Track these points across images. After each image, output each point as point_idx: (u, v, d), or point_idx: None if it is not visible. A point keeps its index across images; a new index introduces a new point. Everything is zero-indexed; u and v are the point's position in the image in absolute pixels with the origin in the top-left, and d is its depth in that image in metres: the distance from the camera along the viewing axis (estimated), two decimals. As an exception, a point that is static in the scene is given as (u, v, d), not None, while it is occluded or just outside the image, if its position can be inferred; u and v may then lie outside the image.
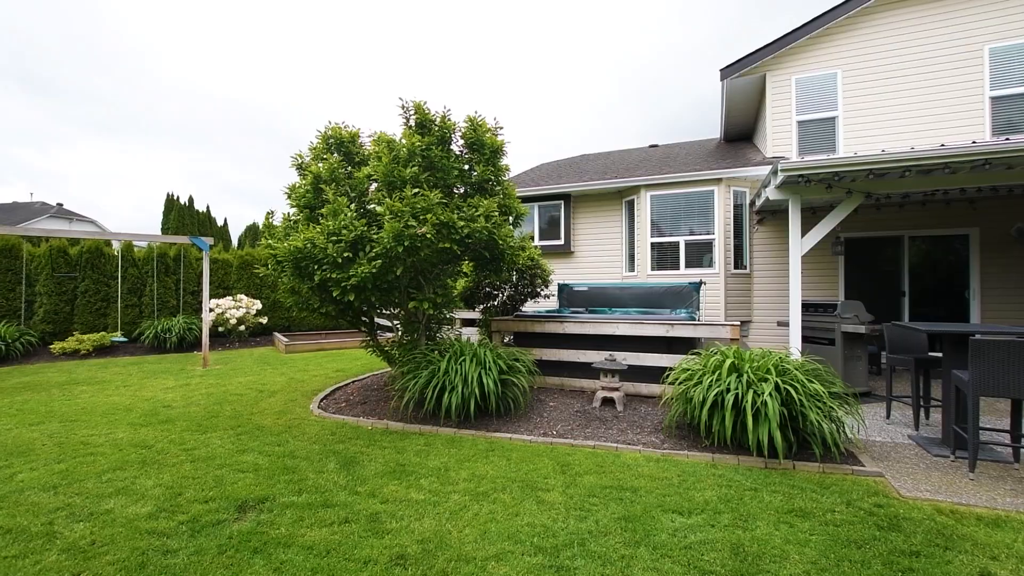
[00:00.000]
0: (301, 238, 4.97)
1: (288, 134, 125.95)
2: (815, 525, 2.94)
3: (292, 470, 3.86)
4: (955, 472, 3.75)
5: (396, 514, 3.12)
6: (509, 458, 4.08)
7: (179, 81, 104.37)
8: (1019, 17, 7.84)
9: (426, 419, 5.10)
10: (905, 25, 8.40)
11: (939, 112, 8.19)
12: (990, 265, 7.95)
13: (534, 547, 2.70)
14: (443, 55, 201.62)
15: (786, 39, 8.93)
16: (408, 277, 5.61)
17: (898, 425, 5.01)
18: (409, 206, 4.74)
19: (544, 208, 10.87)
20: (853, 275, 8.66)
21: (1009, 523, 2.96)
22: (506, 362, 5.21)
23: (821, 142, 8.84)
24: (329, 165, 5.71)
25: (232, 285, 13.31)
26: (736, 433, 4.00)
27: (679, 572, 2.46)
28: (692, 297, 7.19)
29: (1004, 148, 4.68)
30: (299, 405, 5.99)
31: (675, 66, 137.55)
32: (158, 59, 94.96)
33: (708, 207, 8.88)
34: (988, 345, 3.54)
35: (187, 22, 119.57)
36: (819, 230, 5.71)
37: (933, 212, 8.10)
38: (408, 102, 5.67)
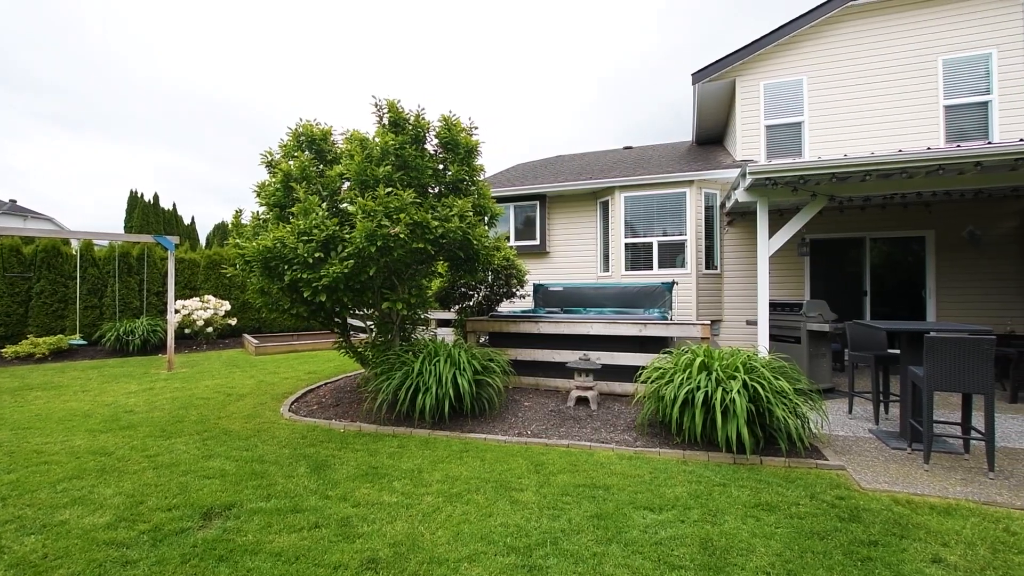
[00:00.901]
0: (270, 237, 4.85)
1: (262, 130, 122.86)
2: (780, 518, 3.02)
3: (261, 475, 3.76)
4: (911, 464, 3.91)
5: (368, 517, 3.07)
6: (483, 458, 4.07)
7: (146, 75, 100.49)
8: (969, 31, 8.24)
9: (400, 421, 5.04)
10: (866, 35, 8.73)
11: (898, 119, 8.54)
12: (945, 265, 8.32)
13: (507, 547, 2.70)
14: (424, 59, 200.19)
15: (755, 45, 9.17)
16: (381, 277, 5.54)
17: (860, 420, 5.19)
18: (382, 205, 4.69)
19: (520, 208, 10.90)
20: (818, 275, 8.95)
21: (959, 511, 3.10)
22: (481, 362, 5.20)
23: (788, 146, 9.10)
24: (300, 163, 5.60)
25: (199, 286, 12.92)
26: (706, 430, 4.08)
27: (649, 568, 2.50)
28: (665, 297, 7.31)
29: (955, 155, 4.91)
30: (269, 408, 5.85)
31: (652, 70, 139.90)
32: (125, 52, 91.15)
33: (680, 208, 9.05)
34: (941, 343, 3.70)
35: (155, 15, 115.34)
36: (786, 231, 5.88)
37: (893, 215, 8.44)
38: (381, 100, 5.61)
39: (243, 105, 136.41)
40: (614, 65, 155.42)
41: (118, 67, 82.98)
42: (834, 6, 8.72)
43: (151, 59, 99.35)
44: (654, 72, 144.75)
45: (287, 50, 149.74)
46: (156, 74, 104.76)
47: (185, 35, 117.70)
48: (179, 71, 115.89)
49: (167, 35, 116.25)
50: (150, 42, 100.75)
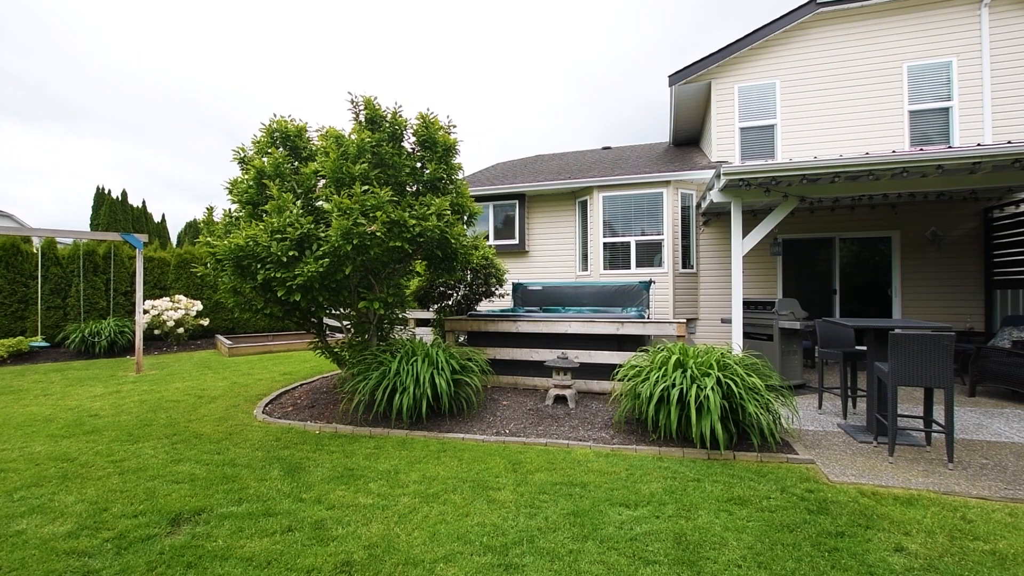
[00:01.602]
0: (243, 235, 4.74)
1: (237, 125, 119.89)
2: (752, 512, 3.09)
3: (232, 479, 3.68)
4: (877, 456, 4.04)
5: (343, 520, 3.03)
6: (461, 458, 4.06)
7: (112, 66, 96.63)
8: (931, 40, 8.55)
9: (377, 421, 4.99)
10: (835, 41, 8.98)
11: (866, 123, 8.80)
12: (909, 265, 8.62)
13: (484, 547, 2.70)
14: (402, 57, 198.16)
15: (730, 48, 9.34)
16: (358, 276, 5.47)
17: (829, 414, 5.34)
18: (358, 203, 4.63)
19: (499, 207, 10.89)
20: (790, 274, 9.18)
21: (920, 501, 3.22)
22: (459, 362, 5.18)
23: (761, 148, 9.30)
24: (274, 160, 5.49)
25: (170, 285, 12.56)
26: (681, 426, 4.14)
27: (624, 564, 2.53)
28: (642, 296, 7.40)
29: (918, 158, 5.09)
30: (242, 411, 5.72)
31: (631, 71, 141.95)
32: (87, 40, 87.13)
33: (657, 208, 9.17)
34: (904, 339, 3.84)
35: (119, 2, 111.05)
36: (759, 231, 6.01)
37: (860, 216, 8.70)
38: (358, 97, 5.53)
39: (216, 99, 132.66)
40: (593, 65, 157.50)
41: (79, 56, 78.97)
42: (805, 12, 8.94)
43: (117, 48, 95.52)
44: (633, 72, 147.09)
45: (261, 43, 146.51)
46: (123, 65, 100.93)
47: (154, 23, 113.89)
48: (148, 62, 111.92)
49: (135, 23, 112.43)
50: (115, 30, 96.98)
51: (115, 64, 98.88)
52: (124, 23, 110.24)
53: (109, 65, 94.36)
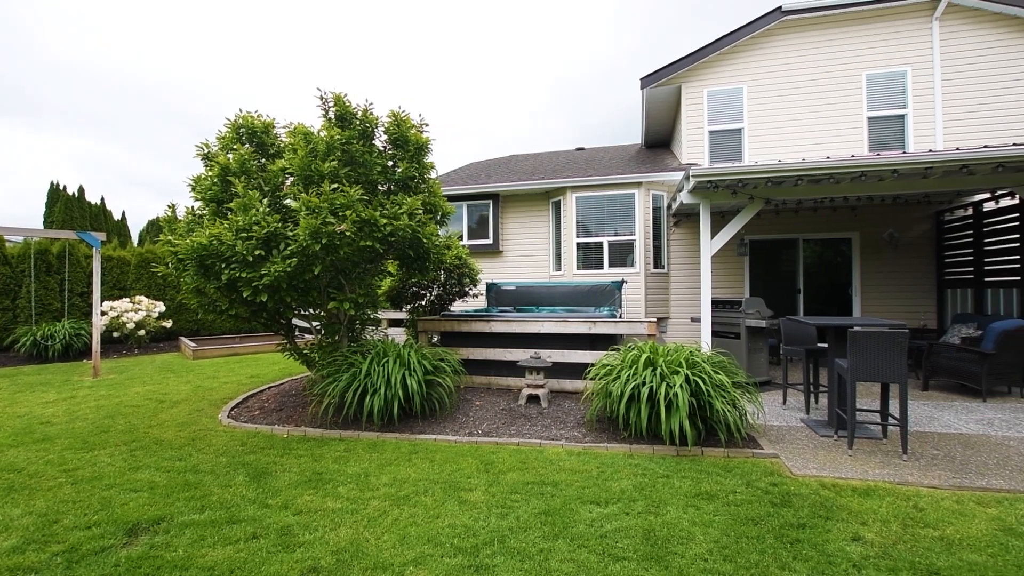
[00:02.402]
0: (206, 234, 4.59)
1: (203, 119, 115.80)
2: (719, 506, 3.16)
3: (194, 486, 3.56)
4: (837, 449, 4.19)
5: (310, 525, 2.97)
6: (433, 460, 4.02)
7: (68, 54, 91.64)
8: (888, 50, 8.92)
9: (347, 424, 4.90)
10: (800, 48, 9.28)
11: (828, 128, 9.12)
12: (868, 265, 8.98)
13: (454, 548, 2.68)
14: (375, 56, 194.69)
15: (699, 53, 9.54)
16: (328, 276, 5.36)
17: (793, 410, 5.51)
18: (327, 202, 4.54)
19: (473, 207, 10.85)
20: (757, 274, 9.44)
21: (877, 492, 3.35)
22: (431, 362, 5.14)
23: (729, 151, 9.54)
24: (239, 156, 5.33)
25: (130, 286, 12.07)
26: (651, 424, 4.21)
27: (594, 561, 2.55)
28: (615, 295, 7.49)
29: (875, 162, 5.31)
30: (206, 415, 5.54)
31: (605, 73, 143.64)
32: (39, 26, 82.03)
33: (629, 209, 9.29)
34: (862, 336, 3.99)
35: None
36: (726, 232, 6.16)
37: (823, 217, 9.02)
38: (327, 93, 5.43)
39: (180, 91, 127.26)
40: (568, 66, 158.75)
41: (32, 44, 74.18)
42: (771, 20, 9.21)
43: (71, 34, 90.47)
44: (607, 74, 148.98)
45: (231, 35, 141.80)
46: (78, 53, 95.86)
47: (113, 11, 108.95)
48: (107, 49, 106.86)
49: (91, 8, 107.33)
50: (69, 14, 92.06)
51: (70, 52, 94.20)
52: (78, 8, 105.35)
53: (63, 53, 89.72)
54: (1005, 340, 5.83)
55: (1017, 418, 5.05)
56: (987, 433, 4.58)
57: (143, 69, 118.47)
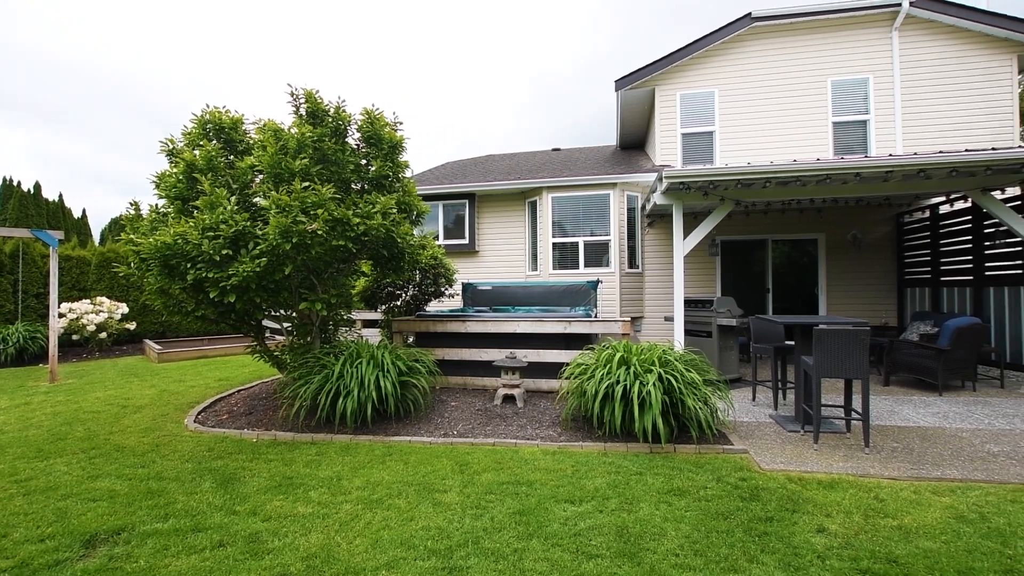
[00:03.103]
0: (171, 233, 4.44)
1: (170, 112, 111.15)
2: (690, 502, 3.22)
3: (158, 493, 3.44)
4: (803, 444, 4.31)
5: (280, 531, 2.90)
6: (407, 462, 3.98)
7: (25, 44, 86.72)
8: (851, 57, 9.25)
9: (319, 427, 4.81)
10: (769, 54, 9.53)
11: (795, 132, 9.40)
12: (834, 265, 9.29)
13: (428, 551, 2.66)
14: (350, 54, 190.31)
15: (672, 57, 9.71)
16: (299, 276, 5.25)
17: (762, 406, 5.65)
18: (298, 200, 4.44)
19: (449, 207, 10.80)
20: (728, 274, 9.65)
21: (840, 484, 3.46)
22: (406, 363, 5.09)
23: (702, 153, 9.73)
24: (206, 153, 5.18)
25: (91, 286, 11.60)
26: (625, 422, 4.26)
27: (568, 559, 2.56)
28: (590, 295, 7.55)
29: (839, 166, 5.49)
30: (171, 420, 5.36)
31: (583, 74, 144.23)
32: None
33: (604, 210, 9.39)
34: (827, 334, 4.12)
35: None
36: (699, 233, 6.28)
37: (791, 219, 9.28)
38: (298, 89, 5.32)
39: (143, 84, 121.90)
40: (547, 67, 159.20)
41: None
42: (741, 25, 9.44)
43: (28, 23, 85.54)
44: (585, 75, 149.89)
45: (197, 28, 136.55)
46: (36, 43, 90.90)
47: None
48: (66, 39, 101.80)
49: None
50: (26, 3, 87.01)
51: (27, 42, 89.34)
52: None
53: (21, 43, 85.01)
54: (959, 337, 6.10)
55: (970, 411, 5.29)
56: (942, 426, 4.78)
57: (106, 60, 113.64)
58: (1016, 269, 6.66)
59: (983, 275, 7.20)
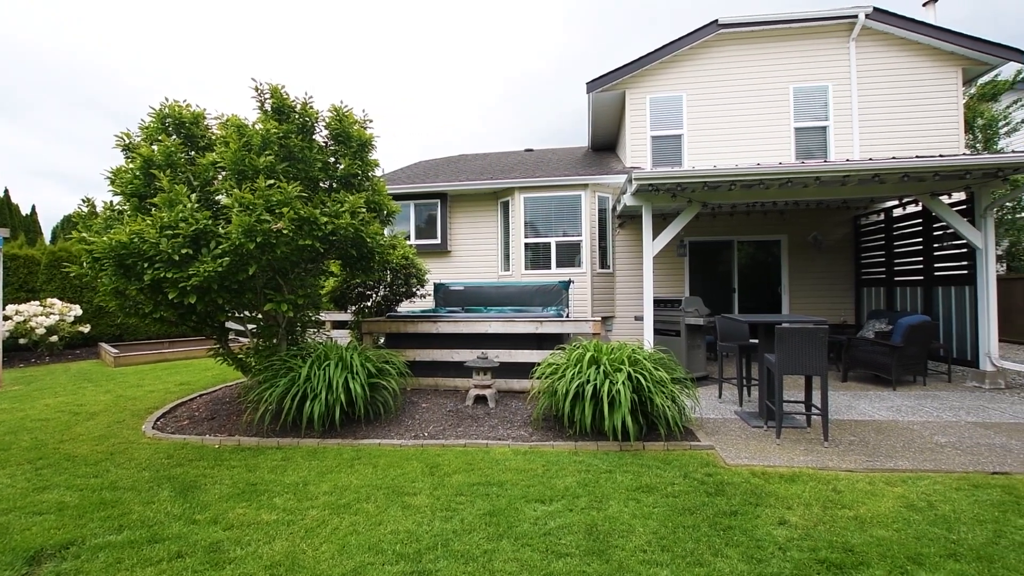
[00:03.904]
0: (126, 231, 4.25)
1: (128, 105, 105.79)
2: (658, 498, 3.27)
3: (112, 504, 3.28)
4: (767, 439, 4.45)
5: (242, 540, 2.81)
6: (376, 465, 3.92)
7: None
8: (812, 65, 9.59)
9: (286, 431, 4.69)
10: (735, 60, 9.80)
11: (760, 137, 9.69)
12: (796, 265, 9.62)
13: (396, 555, 2.62)
14: (321, 52, 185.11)
15: (642, 60, 9.87)
16: (265, 277, 5.11)
17: (728, 403, 5.80)
18: (263, 198, 4.32)
19: (421, 207, 10.70)
20: (696, 274, 9.88)
21: (801, 477, 3.58)
22: (376, 365, 5.01)
23: (670, 156, 9.93)
24: (165, 148, 4.97)
25: (41, 287, 11.01)
26: (595, 421, 4.30)
27: (537, 559, 2.57)
28: (562, 295, 7.60)
29: (800, 170, 5.68)
30: (128, 427, 5.14)
31: (556, 75, 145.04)
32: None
33: (576, 210, 9.47)
34: (788, 332, 4.26)
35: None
36: (667, 234, 6.40)
37: (755, 221, 9.56)
38: (263, 84, 5.18)
39: (97, 75, 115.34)
40: (520, 68, 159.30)
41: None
42: (708, 32, 9.67)
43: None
44: (559, 77, 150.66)
45: (157, 17, 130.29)
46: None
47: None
48: (13, 25, 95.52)
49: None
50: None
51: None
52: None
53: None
54: (910, 334, 6.41)
55: (921, 404, 5.56)
56: (896, 419, 5.01)
57: (57, 50, 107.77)
58: (962, 270, 7.04)
59: (932, 275, 7.58)
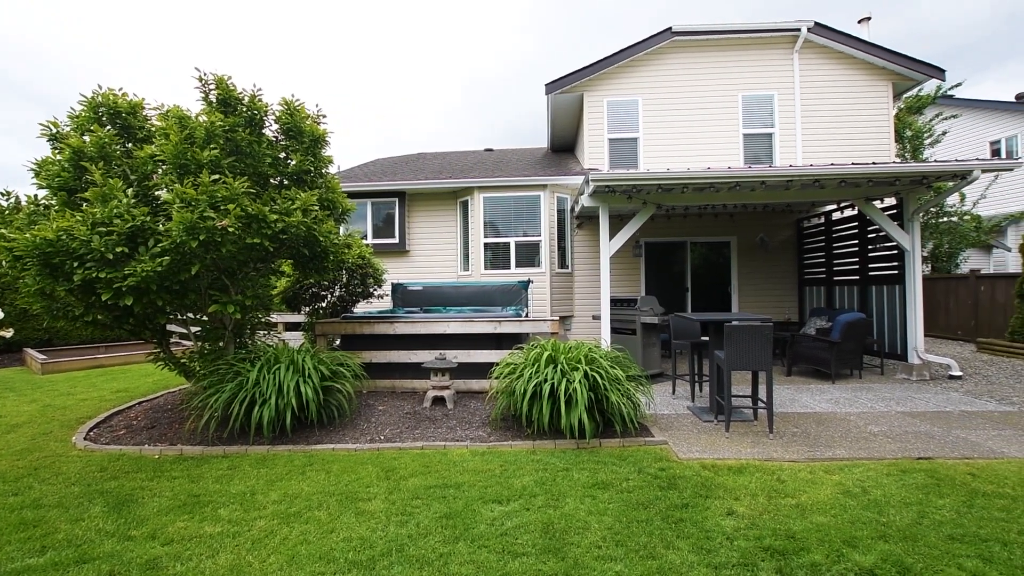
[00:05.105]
0: (53, 227, 3.95)
1: (54, 94, 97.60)
2: (613, 494, 3.33)
3: (34, 524, 3.03)
4: (717, 433, 4.61)
5: (183, 555, 2.66)
6: (329, 471, 3.80)
7: None
8: (759, 75, 10.04)
9: (233, 439, 4.48)
10: (687, 67, 10.12)
11: (711, 142, 10.05)
12: (744, 266, 10.04)
13: (349, 562, 2.55)
14: (277, 49, 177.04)
15: (600, 64, 10.04)
16: (210, 277, 4.87)
17: (681, 399, 5.98)
18: (207, 194, 4.10)
19: (378, 205, 10.48)
20: (652, 274, 10.15)
21: (748, 469, 3.74)
22: (329, 367, 4.86)
23: (627, 159, 10.15)
24: (98, 139, 4.65)
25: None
26: (553, 420, 4.33)
27: (494, 560, 2.56)
28: (521, 295, 7.63)
29: (747, 174, 5.93)
30: (56, 439, 4.78)
31: (516, 76, 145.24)
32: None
33: (536, 211, 9.53)
34: (736, 330, 4.43)
35: None
36: (624, 234, 6.54)
37: (707, 223, 9.92)
38: (208, 75, 4.92)
39: (23, 60, 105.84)
40: (480, 67, 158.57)
41: None
42: (663, 38, 9.95)
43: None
44: (520, 78, 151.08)
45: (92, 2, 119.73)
46: None
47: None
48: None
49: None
50: None
51: None
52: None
53: None
54: (848, 330, 6.81)
55: (857, 396, 5.92)
56: (835, 411, 5.31)
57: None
58: (892, 270, 7.54)
59: (867, 275, 8.09)
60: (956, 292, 10.65)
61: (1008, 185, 14.41)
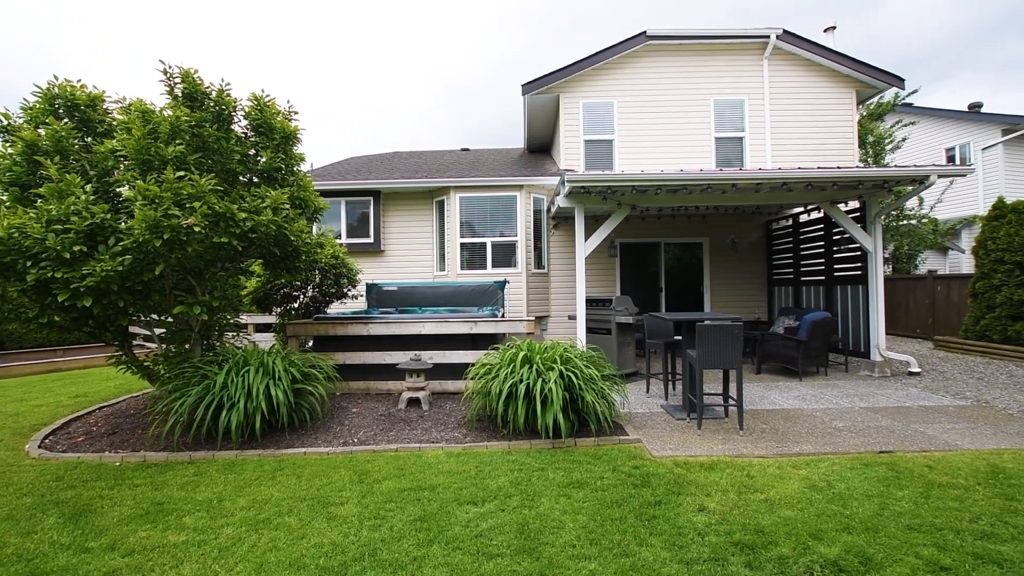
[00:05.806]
0: (4, 224, 3.76)
1: (6, 84, 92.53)
2: (588, 493, 3.35)
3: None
4: (689, 431, 4.70)
5: (144, 566, 2.56)
6: (300, 475, 3.72)
7: None
8: (731, 80, 10.27)
9: (199, 444, 4.34)
10: (661, 71, 10.28)
11: (684, 144, 10.22)
12: (716, 266, 10.26)
13: (320, 569, 2.49)
14: (252, 47, 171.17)
15: (576, 66, 10.11)
16: (175, 277, 4.72)
17: (655, 397, 6.07)
18: (171, 191, 3.97)
19: (352, 204, 10.32)
20: (627, 274, 10.27)
21: (719, 465, 3.81)
22: (301, 370, 4.76)
23: (602, 160, 10.25)
24: (54, 132, 4.46)
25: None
26: (529, 420, 4.34)
27: (468, 562, 2.54)
28: (498, 295, 7.62)
29: (718, 177, 6.06)
30: (7, 447, 4.55)
31: (494, 76, 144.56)
32: None
33: (512, 211, 9.54)
34: (707, 329, 4.52)
35: None
36: (599, 235, 6.60)
37: (681, 224, 10.09)
38: (173, 68, 4.76)
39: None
40: (458, 67, 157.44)
41: None
42: (638, 42, 10.08)
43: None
44: (497, 78, 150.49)
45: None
46: None
47: None
48: None
49: None
50: None
51: None
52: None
53: None
54: (814, 329, 7.03)
55: (823, 393, 6.11)
56: (802, 407, 5.47)
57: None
58: (856, 271, 7.82)
59: (833, 275, 8.37)
60: (915, 292, 11.11)
61: (962, 190, 15.12)
